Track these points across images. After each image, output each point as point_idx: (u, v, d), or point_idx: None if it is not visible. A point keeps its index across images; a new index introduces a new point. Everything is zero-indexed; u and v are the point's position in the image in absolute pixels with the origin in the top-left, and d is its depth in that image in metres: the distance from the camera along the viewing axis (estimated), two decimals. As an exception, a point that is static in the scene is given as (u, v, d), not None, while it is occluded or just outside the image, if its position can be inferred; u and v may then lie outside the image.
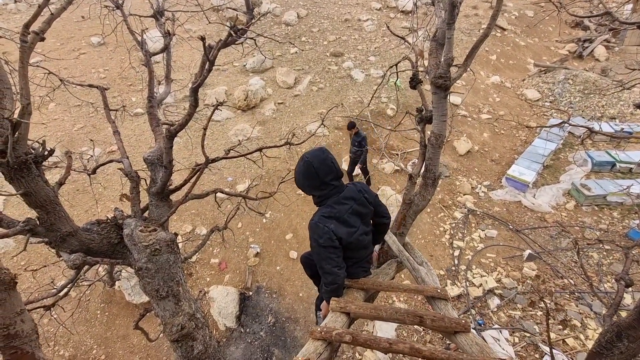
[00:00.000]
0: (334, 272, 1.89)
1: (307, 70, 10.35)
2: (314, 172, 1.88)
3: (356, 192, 2.02)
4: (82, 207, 6.32)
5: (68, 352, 4.55)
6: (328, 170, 1.90)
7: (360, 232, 1.99)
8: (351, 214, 1.96)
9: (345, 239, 1.89)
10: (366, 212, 2.04)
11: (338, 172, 1.96)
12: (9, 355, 0.90)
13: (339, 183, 1.99)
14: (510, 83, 11.26)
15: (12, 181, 1.72)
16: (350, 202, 1.97)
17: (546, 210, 6.91)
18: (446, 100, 1.90)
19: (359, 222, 2.00)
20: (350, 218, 1.95)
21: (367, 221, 2.09)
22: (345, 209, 1.94)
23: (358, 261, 2.11)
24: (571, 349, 4.58)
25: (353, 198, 1.98)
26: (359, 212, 1.99)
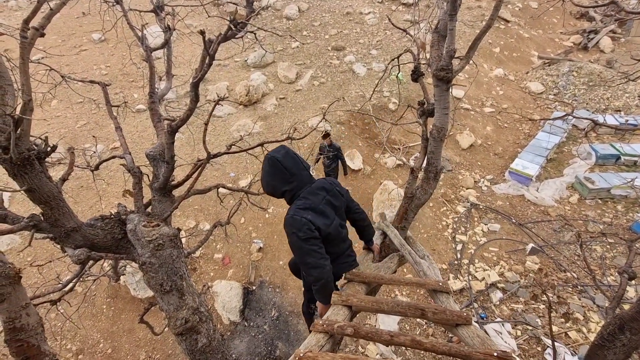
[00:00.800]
0: (320, 264, 1.83)
1: (309, 65, 10.29)
2: (280, 166, 1.85)
3: (328, 184, 2.01)
4: (86, 204, 6.36)
5: (75, 346, 4.62)
6: (293, 161, 1.89)
7: (337, 223, 1.97)
8: (325, 204, 1.93)
9: (324, 230, 1.84)
10: (339, 204, 2.02)
11: (304, 163, 1.96)
12: (15, 348, 0.92)
13: (307, 173, 1.96)
14: (513, 76, 11.15)
15: (16, 177, 1.73)
16: (323, 192, 1.95)
17: (549, 204, 6.89)
18: (448, 93, 1.88)
19: (333, 213, 1.96)
20: (325, 209, 1.92)
21: (341, 214, 2.07)
22: (319, 199, 1.91)
23: (340, 255, 2.09)
24: (573, 341, 4.59)
25: (325, 189, 1.97)
26: (332, 204, 1.97)
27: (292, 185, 1.88)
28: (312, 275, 1.83)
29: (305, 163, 1.97)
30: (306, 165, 1.97)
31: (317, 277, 1.83)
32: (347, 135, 7.85)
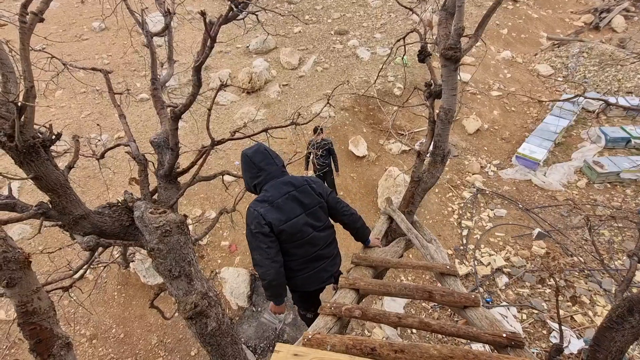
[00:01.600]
0: (264, 263, 1.78)
1: (312, 50, 10.12)
2: (249, 161, 1.94)
3: (298, 180, 1.95)
4: (93, 193, 6.43)
5: (89, 331, 4.75)
6: (262, 157, 1.94)
7: (301, 222, 1.86)
8: (288, 199, 1.86)
9: (277, 226, 1.78)
10: (310, 202, 1.91)
11: (275, 159, 1.98)
12: (28, 331, 0.94)
13: (277, 167, 1.96)
14: (521, 58, 10.87)
15: (22, 165, 1.73)
16: (289, 187, 1.90)
17: (557, 189, 6.81)
18: (456, 73, 1.83)
19: (299, 210, 1.87)
20: (286, 204, 1.85)
21: (314, 213, 1.93)
22: (281, 193, 1.87)
23: (309, 261, 1.94)
24: (579, 325, 4.61)
25: (292, 184, 1.91)
26: (299, 200, 1.88)
27: (259, 179, 1.93)
28: (257, 271, 1.84)
29: (277, 159, 1.99)
30: (277, 162, 1.99)
31: (260, 275, 1.83)
32: (352, 122, 7.77)
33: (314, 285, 2.03)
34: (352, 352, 1.16)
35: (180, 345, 4.62)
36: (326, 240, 2.01)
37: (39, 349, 0.97)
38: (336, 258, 2.16)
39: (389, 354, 1.14)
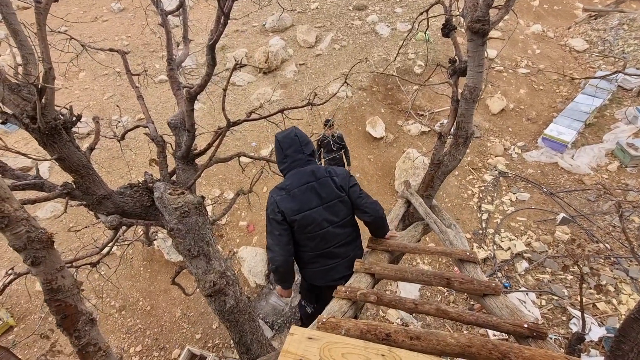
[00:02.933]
0: (274, 249, 1.82)
1: (329, 27, 9.80)
2: (278, 145, 1.92)
3: (321, 171, 1.86)
4: (118, 173, 6.65)
5: (118, 303, 5.04)
6: (290, 142, 1.89)
7: (318, 215, 1.81)
8: (306, 190, 1.80)
9: (289, 215, 1.76)
10: (329, 195, 1.82)
11: (304, 146, 1.91)
12: (54, 307, 0.98)
13: (302, 156, 1.90)
14: (553, 32, 10.15)
15: (46, 147, 1.78)
16: (310, 177, 1.83)
17: (585, 172, 6.48)
18: (483, 48, 1.70)
19: (315, 202, 1.81)
20: (304, 194, 1.80)
21: (332, 207, 1.84)
22: (300, 182, 1.82)
23: (319, 256, 1.90)
24: (602, 312, 4.48)
25: (314, 174, 1.84)
26: (317, 192, 1.82)
27: (285, 165, 1.92)
28: (268, 254, 1.89)
29: (307, 147, 1.92)
30: (306, 149, 1.91)
31: (269, 259, 1.88)
32: (369, 102, 7.57)
33: (321, 281, 2.02)
34: (367, 338, 1.16)
35: (202, 318, 4.84)
36: (342, 239, 1.93)
37: (64, 324, 1.02)
38: (353, 261, 2.02)
39: (404, 341, 1.12)
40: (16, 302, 5.02)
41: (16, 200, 0.97)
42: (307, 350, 1.00)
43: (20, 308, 4.96)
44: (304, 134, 1.96)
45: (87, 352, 1.10)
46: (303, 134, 1.95)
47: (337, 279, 2.04)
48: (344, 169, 1.94)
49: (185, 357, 4.19)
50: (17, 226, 0.94)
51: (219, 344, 4.56)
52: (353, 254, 2.02)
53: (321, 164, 5.23)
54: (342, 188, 1.86)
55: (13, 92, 1.66)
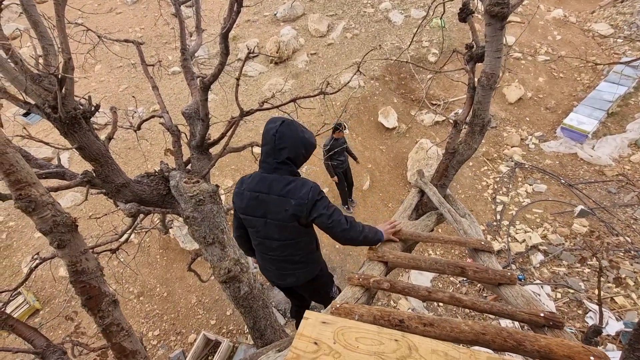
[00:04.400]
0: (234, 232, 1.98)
1: (341, 16, 9.64)
2: (263, 133, 1.67)
3: (279, 186, 1.59)
4: (134, 164, 6.80)
5: (136, 289, 5.21)
6: (267, 140, 1.62)
7: (259, 224, 1.68)
8: (255, 198, 1.64)
9: (236, 209, 1.76)
10: (275, 214, 1.61)
11: (277, 151, 1.60)
12: (79, 288, 1.03)
13: (271, 161, 1.62)
14: (575, 17, 9.71)
15: (67, 136, 1.83)
16: (263, 187, 1.62)
17: (606, 163, 6.26)
18: (502, 33, 1.65)
19: (260, 212, 1.65)
20: (251, 201, 1.65)
21: (274, 226, 1.65)
22: (253, 188, 1.65)
23: (261, 258, 1.85)
24: (620, 307, 4.38)
25: (270, 187, 1.61)
26: (265, 206, 1.63)
27: (259, 159, 1.73)
28: None
29: (281, 152, 1.61)
30: (278, 155, 1.61)
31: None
32: (382, 92, 7.47)
33: (266, 277, 2.02)
34: (380, 323, 1.17)
35: (217, 305, 4.96)
36: (280, 254, 1.77)
37: (89, 305, 1.07)
38: (288, 278, 1.88)
39: (417, 327, 1.13)
40: (41, 286, 5.26)
41: (42, 186, 1.01)
42: (321, 334, 1.02)
43: (45, 292, 5.20)
44: (290, 134, 1.60)
45: (111, 331, 1.15)
46: (287, 134, 1.59)
47: (276, 284, 2.02)
48: (312, 190, 1.57)
49: (201, 342, 4.32)
50: (44, 210, 0.98)
51: (233, 330, 4.68)
52: (289, 273, 1.85)
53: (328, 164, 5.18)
54: (294, 216, 1.59)
55: (35, 83, 1.71)
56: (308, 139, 1.67)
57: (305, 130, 1.68)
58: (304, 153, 1.67)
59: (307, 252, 1.82)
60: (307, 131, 1.69)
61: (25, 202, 0.95)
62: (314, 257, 1.91)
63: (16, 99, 1.75)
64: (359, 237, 1.51)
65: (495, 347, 1.07)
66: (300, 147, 1.64)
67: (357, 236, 1.51)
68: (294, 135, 1.60)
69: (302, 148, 1.65)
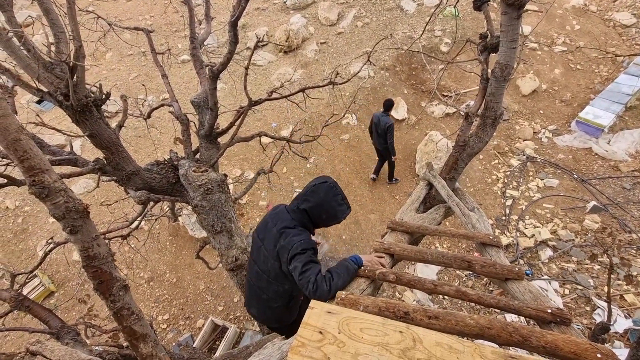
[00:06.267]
0: None
1: (351, 4, 9.46)
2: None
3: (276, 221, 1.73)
4: (144, 152, 6.88)
5: (147, 274, 5.34)
6: (304, 187, 1.82)
7: (255, 246, 1.81)
8: (264, 222, 1.80)
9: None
10: (267, 245, 1.73)
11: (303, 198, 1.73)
12: (91, 273, 1.06)
13: (295, 203, 1.78)
14: (596, 6, 9.33)
15: (79, 123, 1.86)
16: (270, 216, 1.80)
17: (622, 159, 6.10)
18: (518, 22, 1.59)
19: (261, 236, 1.78)
20: (261, 223, 1.82)
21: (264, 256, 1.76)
22: (270, 213, 1.83)
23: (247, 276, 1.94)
24: (629, 304, 4.32)
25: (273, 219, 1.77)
26: (265, 233, 1.75)
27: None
28: None
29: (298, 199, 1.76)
30: (296, 201, 1.77)
31: None
32: (392, 82, 7.36)
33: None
34: (385, 315, 1.18)
35: (224, 292, 5.06)
36: (255, 281, 1.85)
37: (100, 289, 1.10)
38: (252, 308, 1.98)
39: (422, 319, 1.13)
40: (56, 269, 5.42)
41: (55, 173, 1.03)
42: (326, 324, 1.03)
43: (59, 275, 5.37)
44: (321, 196, 1.68)
45: (122, 315, 1.19)
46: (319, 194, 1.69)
47: (249, 310, 2.02)
48: (301, 242, 1.59)
49: (209, 327, 4.43)
50: (56, 196, 1.00)
51: (240, 317, 4.78)
52: (263, 310, 1.92)
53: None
54: (278, 256, 1.67)
55: (47, 70, 1.73)
56: (334, 211, 1.70)
57: (341, 204, 1.71)
58: (324, 219, 1.73)
59: (277, 300, 1.84)
60: (341, 205, 1.71)
61: (39, 188, 0.97)
62: (280, 314, 1.90)
63: (29, 86, 1.77)
64: (327, 295, 1.47)
65: (500, 341, 1.07)
66: (322, 212, 1.70)
67: (326, 295, 1.47)
68: (323, 199, 1.68)
69: (324, 214, 1.71)
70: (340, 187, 1.74)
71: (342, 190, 1.73)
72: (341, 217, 1.73)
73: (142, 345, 1.25)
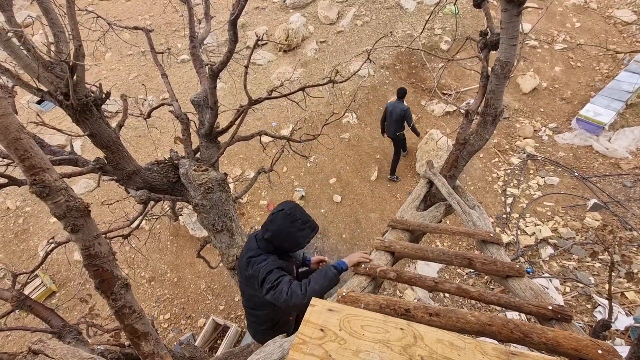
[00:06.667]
0: None
1: (351, 2, 9.45)
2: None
3: (245, 250, 1.78)
4: (144, 152, 6.89)
5: (148, 274, 5.35)
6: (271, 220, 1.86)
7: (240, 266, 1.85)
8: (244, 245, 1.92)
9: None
10: (242, 268, 1.76)
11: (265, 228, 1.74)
12: (92, 271, 1.06)
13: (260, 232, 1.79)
14: (597, 3, 9.30)
15: (79, 123, 1.86)
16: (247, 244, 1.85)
17: (622, 156, 6.09)
18: (518, 19, 1.59)
19: (240, 282, 1.89)
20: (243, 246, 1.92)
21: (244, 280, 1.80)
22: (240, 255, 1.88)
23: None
24: (630, 302, 4.33)
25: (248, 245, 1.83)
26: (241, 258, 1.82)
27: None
28: None
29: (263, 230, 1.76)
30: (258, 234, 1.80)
31: None
32: (392, 81, 7.35)
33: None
34: (386, 312, 1.18)
35: (225, 291, 5.07)
36: (249, 310, 1.92)
37: (102, 288, 1.11)
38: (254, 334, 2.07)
39: (423, 317, 1.14)
40: (57, 270, 5.43)
41: (55, 172, 1.03)
42: (327, 321, 1.03)
43: (60, 275, 5.38)
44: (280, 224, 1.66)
45: (123, 313, 1.19)
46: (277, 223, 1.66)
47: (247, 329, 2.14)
48: (262, 269, 1.61)
49: (210, 326, 4.44)
50: (57, 195, 1.00)
51: (241, 316, 4.79)
52: (255, 334, 2.04)
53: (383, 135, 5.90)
54: (251, 284, 1.72)
55: (47, 70, 1.73)
56: (294, 237, 1.66)
57: (301, 229, 1.65)
58: (286, 246, 1.70)
59: (262, 324, 1.91)
60: (302, 230, 1.66)
61: (40, 187, 0.97)
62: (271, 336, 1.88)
63: (29, 86, 1.77)
64: (302, 300, 1.47)
65: (501, 338, 1.07)
66: (283, 240, 1.67)
67: (301, 300, 1.47)
68: (281, 227, 1.65)
69: (285, 242, 1.68)
70: (301, 210, 1.69)
71: (304, 213, 1.68)
72: (303, 242, 1.68)
73: (144, 343, 1.25)
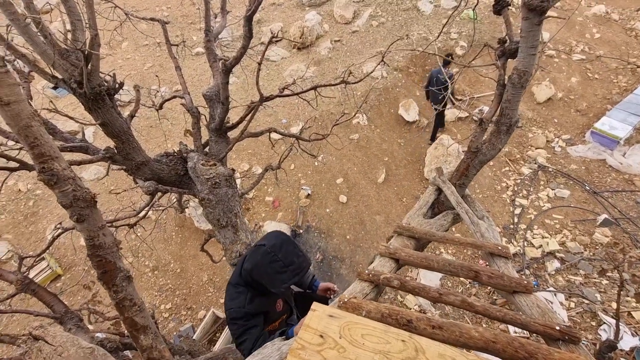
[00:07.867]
0: None
1: (368, 2, 9.39)
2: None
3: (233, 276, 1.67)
4: (155, 142, 6.95)
5: (152, 263, 5.40)
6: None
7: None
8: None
9: None
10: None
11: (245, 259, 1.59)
12: (96, 262, 1.06)
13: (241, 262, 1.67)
14: (618, 14, 9.09)
15: (91, 112, 1.87)
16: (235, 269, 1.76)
17: (636, 172, 5.94)
18: (539, 28, 1.54)
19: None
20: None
21: None
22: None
23: None
24: (637, 322, 4.23)
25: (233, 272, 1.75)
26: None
27: None
28: None
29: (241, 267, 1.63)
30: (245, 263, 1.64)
31: None
32: (404, 84, 7.28)
33: None
34: (387, 322, 1.16)
35: (226, 285, 5.10)
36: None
37: (104, 279, 1.11)
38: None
39: (425, 329, 1.11)
40: (63, 254, 5.52)
41: (64, 160, 1.03)
42: (327, 327, 1.02)
43: (66, 259, 5.46)
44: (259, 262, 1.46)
45: (124, 305, 1.19)
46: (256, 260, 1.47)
47: None
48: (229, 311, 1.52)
49: (210, 318, 4.46)
50: (65, 184, 1.00)
51: (241, 311, 4.80)
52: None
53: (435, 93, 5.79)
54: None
55: (63, 58, 1.74)
56: (271, 279, 1.43)
57: (281, 271, 1.42)
58: (263, 284, 1.47)
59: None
60: (281, 273, 1.42)
61: (48, 175, 0.97)
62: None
63: (44, 72, 1.78)
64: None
65: (505, 356, 1.04)
66: (260, 277, 1.46)
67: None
68: (260, 263, 1.44)
69: (262, 279, 1.45)
70: (286, 248, 1.45)
71: (290, 251, 1.44)
72: (279, 287, 1.43)
73: (143, 337, 1.25)
